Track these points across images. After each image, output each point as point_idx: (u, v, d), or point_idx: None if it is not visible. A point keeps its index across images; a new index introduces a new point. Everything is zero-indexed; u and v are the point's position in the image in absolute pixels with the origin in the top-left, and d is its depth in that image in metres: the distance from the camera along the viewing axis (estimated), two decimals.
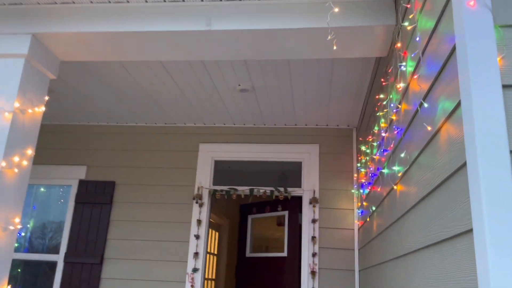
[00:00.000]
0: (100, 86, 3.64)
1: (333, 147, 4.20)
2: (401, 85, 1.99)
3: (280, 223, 5.24)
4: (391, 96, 2.23)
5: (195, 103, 3.92)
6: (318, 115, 4.04)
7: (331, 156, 4.17)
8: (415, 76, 1.73)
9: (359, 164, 3.82)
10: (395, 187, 2.14)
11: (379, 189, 2.60)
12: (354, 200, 3.97)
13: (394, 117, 2.20)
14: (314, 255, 3.88)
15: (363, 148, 3.56)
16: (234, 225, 7.15)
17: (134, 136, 4.50)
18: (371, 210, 2.94)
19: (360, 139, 3.64)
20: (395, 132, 2.13)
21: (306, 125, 4.29)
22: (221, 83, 3.48)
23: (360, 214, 3.71)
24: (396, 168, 2.13)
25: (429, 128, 1.40)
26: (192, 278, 3.96)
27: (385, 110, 2.36)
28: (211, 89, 3.60)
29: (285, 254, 4.21)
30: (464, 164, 1.15)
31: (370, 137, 3.11)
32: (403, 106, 1.98)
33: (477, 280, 1.04)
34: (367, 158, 3.27)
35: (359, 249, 3.78)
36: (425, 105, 1.44)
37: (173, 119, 4.37)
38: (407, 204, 1.86)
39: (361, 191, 3.56)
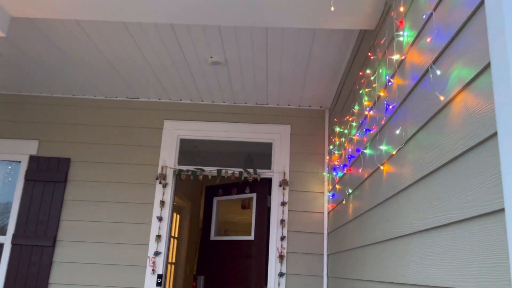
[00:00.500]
0: (55, 51, 3.29)
1: (305, 129, 4.06)
2: (395, 58, 1.85)
3: (245, 206, 5.09)
4: (380, 71, 2.09)
5: (162, 76, 3.64)
6: (291, 95, 3.88)
7: (303, 138, 4.04)
8: (416, 45, 1.58)
9: (331, 146, 3.71)
10: (381, 167, 2.01)
11: (359, 171, 2.48)
12: (325, 183, 3.87)
13: (382, 94, 2.07)
14: (282, 238, 3.76)
15: (337, 129, 3.44)
16: (196, 207, 6.94)
17: (92, 109, 4.16)
18: (347, 193, 2.83)
19: (335, 120, 3.52)
20: (384, 110, 2.00)
21: (278, 104, 4.12)
22: (191, 54, 3.23)
23: (331, 197, 3.61)
24: (383, 147, 2.01)
25: (441, 98, 1.25)
26: (154, 262, 3.74)
27: (373, 86, 2.22)
28: (180, 61, 3.34)
29: (252, 237, 4.06)
30: (490, 138, 1.01)
31: (348, 117, 2.99)
32: (396, 81, 1.84)
33: (504, 261, 0.91)
34: (343, 139, 3.15)
35: (328, 233, 3.70)
36: (437, 72, 1.29)
37: (136, 93, 4.07)
38: (398, 185, 1.74)
39: (334, 173, 3.45)
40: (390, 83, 1.89)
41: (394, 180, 1.79)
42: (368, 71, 2.32)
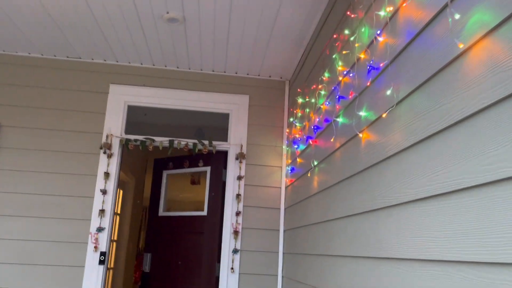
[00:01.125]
0: None
1: (264, 100, 3.86)
2: (383, 14, 1.68)
3: (194, 181, 4.84)
4: (362, 30, 1.92)
5: (109, 33, 3.25)
6: (252, 64, 3.65)
7: (262, 109, 3.84)
8: None
9: (292, 119, 3.55)
10: (360, 135, 1.86)
11: (330, 141, 2.32)
12: (284, 157, 3.72)
13: (363, 55, 1.90)
14: (238, 214, 3.58)
15: (300, 100, 3.28)
16: (140, 183, 6.57)
17: (26, 69, 3.68)
18: (312, 165, 2.68)
19: (298, 90, 3.35)
20: (366, 72, 1.84)
21: (236, 73, 3.88)
22: (145, 7, 2.88)
23: (290, 171, 3.47)
24: (363, 113, 1.85)
25: (460, 46, 1.09)
26: (96, 239, 3.42)
27: (351, 48, 2.05)
28: (131, 15, 2.98)
29: (205, 213, 3.84)
30: None
31: (315, 86, 2.82)
32: (384, 40, 1.68)
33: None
34: (307, 110, 2.99)
35: (285, 208, 3.57)
36: (456, 16, 1.13)
37: (77, 52, 3.64)
38: (383, 152, 1.59)
39: (295, 147, 3.30)
40: (375, 42, 1.72)
41: (379, 147, 1.65)
42: (346, 32, 2.15)
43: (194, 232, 3.89)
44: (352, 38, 2.04)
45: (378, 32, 1.72)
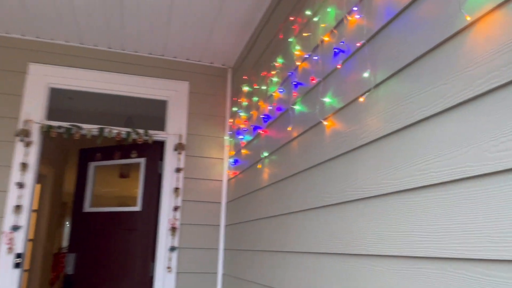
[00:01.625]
0: None
1: (205, 88, 3.63)
2: None
3: (123, 175, 4.48)
4: (328, 10, 1.79)
5: (30, 3, 2.82)
6: (193, 48, 3.39)
7: (203, 98, 3.60)
8: None
9: (236, 108, 3.37)
10: (325, 122, 1.74)
11: (286, 130, 2.18)
12: (227, 148, 3.52)
13: (327, 38, 1.77)
14: (176, 209, 3.32)
15: (246, 88, 3.10)
16: (60, 176, 5.99)
17: None
18: (262, 156, 2.53)
19: (245, 77, 3.17)
20: (332, 56, 1.71)
21: (175, 57, 3.60)
22: None
23: (233, 163, 3.29)
24: (327, 100, 1.73)
25: (467, 18, 0.98)
26: (11, 239, 2.97)
27: (313, 30, 1.92)
28: None
29: (138, 208, 3.52)
30: None
31: (265, 72, 2.66)
32: (358, 18, 1.55)
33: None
34: (255, 99, 2.83)
35: (227, 202, 3.38)
36: None
37: None
38: (356, 140, 1.47)
39: (240, 137, 3.13)
40: (345, 22, 1.60)
41: (350, 135, 1.52)
42: (307, 12, 2.00)
43: (126, 229, 3.55)
44: (316, 19, 1.90)
45: (354, 9, 1.59)
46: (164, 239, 3.27)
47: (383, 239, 1.27)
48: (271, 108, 2.48)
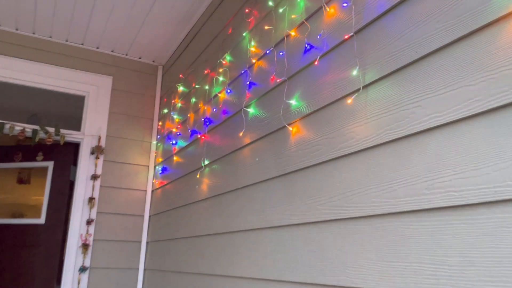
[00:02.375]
0: None
1: (131, 85, 3.22)
2: None
3: (22, 180, 3.83)
4: (297, 0, 1.57)
5: None
6: (120, 38, 2.98)
7: (128, 96, 3.19)
8: None
9: (166, 110, 3.01)
10: (290, 128, 1.50)
11: (235, 136, 1.91)
12: (153, 154, 3.13)
13: (294, 32, 1.55)
14: (89, 222, 2.84)
15: (181, 88, 2.78)
16: None
17: None
18: (202, 165, 2.22)
19: (181, 76, 2.84)
20: (301, 52, 1.49)
21: (97, 48, 3.14)
22: None
23: (160, 171, 2.92)
24: (294, 102, 1.50)
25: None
26: None
27: (275, 24, 1.68)
28: None
29: (42, 220, 2.97)
30: None
31: (207, 71, 2.37)
32: (331, 10, 1.35)
33: None
34: (194, 100, 2.52)
35: (151, 216, 2.99)
36: None
37: None
38: (331, 151, 1.26)
39: (172, 142, 2.78)
40: (324, 12, 1.39)
41: (324, 143, 1.30)
42: (270, 4, 1.77)
43: (26, 245, 2.98)
44: (281, 10, 1.67)
45: None
46: (73, 258, 2.77)
47: (364, 267, 1.05)
48: (215, 110, 2.19)
